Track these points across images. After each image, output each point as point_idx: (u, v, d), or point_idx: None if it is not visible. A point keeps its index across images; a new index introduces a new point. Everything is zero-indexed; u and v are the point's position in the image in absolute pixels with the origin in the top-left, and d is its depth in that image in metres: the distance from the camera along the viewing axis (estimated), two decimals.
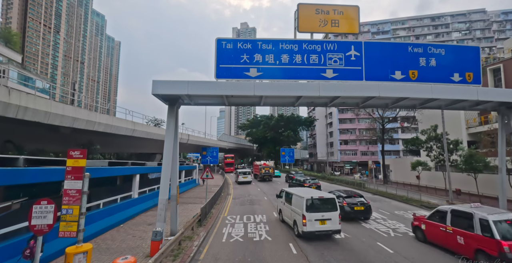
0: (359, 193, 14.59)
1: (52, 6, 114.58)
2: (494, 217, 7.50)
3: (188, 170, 29.67)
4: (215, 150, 31.52)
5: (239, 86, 10.18)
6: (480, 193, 22.46)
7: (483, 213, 7.76)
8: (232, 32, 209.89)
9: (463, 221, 8.26)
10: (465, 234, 8.01)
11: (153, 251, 7.89)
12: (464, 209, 8.51)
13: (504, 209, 12.29)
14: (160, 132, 28.51)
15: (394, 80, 10.70)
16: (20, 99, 12.68)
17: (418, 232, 10.23)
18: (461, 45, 12.88)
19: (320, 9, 10.90)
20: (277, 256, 8.33)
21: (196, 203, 17.91)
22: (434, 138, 27.71)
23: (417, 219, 10.44)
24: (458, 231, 8.25)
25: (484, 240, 7.35)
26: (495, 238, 7.07)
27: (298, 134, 74.28)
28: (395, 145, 60.97)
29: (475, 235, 7.68)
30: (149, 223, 12.37)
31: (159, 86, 9.64)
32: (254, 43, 10.56)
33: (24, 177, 7.24)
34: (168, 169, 9.88)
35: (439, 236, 9.07)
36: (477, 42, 68.19)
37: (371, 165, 45.66)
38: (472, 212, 8.01)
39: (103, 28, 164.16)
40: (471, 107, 13.04)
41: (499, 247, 6.90)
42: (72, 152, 6.14)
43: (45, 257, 7.14)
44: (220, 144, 59.16)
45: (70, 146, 17.06)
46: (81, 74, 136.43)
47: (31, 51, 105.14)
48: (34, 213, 5.33)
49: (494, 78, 28.29)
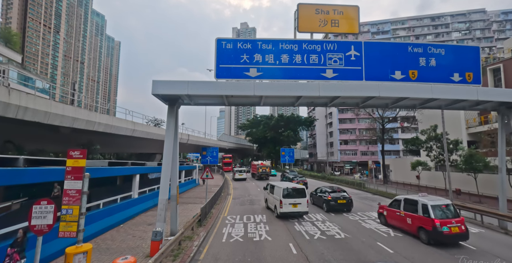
0: (342, 189, 16.82)
1: (52, 6, 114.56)
2: (432, 202, 9.82)
3: (188, 170, 29.67)
4: (215, 150, 31.49)
5: (239, 86, 10.18)
6: (480, 192, 22.46)
7: (424, 200, 10.07)
8: (232, 32, 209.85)
9: (411, 207, 10.56)
10: (412, 216, 10.34)
11: (153, 251, 7.89)
12: (413, 197, 10.83)
13: (504, 209, 12.36)
14: (160, 132, 28.51)
15: (394, 80, 10.71)
16: (20, 100, 12.67)
17: (381, 218, 12.50)
18: (461, 45, 12.89)
19: (320, 9, 10.90)
20: (277, 256, 8.33)
21: (196, 203, 17.91)
22: (434, 137, 27.71)
23: (381, 207, 12.66)
24: (408, 214, 10.60)
25: (424, 219, 9.68)
26: (431, 217, 9.41)
27: (298, 134, 74.27)
28: (395, 144, 60.96)
29: (418, 216, 10.00)
30: (149, 223, 12.37)
31: (159, 86, 9.64)
32: (254, 43, 10.56)
33: (24, 177, 7.23)
34: (168, 169, 9.87)
35: (395, 219, 11.38)
36: (477, 42, 68.18)
37: (371, 165, 45.68)
38: (418, 199, 10.31)
39: (103, 28, 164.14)
40: (471, 107, 13.05)
41: (433, 224, 9.25)
42: (72, 152, 6.14)
43: (45, 257, 7.14)
44: (220, 144, 59.20)
45: (70, 146, 17.06)
46: (81, 74, 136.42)
47: (31, 51, 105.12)
48: (34, 213, 5.33)
49: (494, 78, 28.29)
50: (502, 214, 11.94)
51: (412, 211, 10.42)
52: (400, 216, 10.98)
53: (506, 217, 11.67)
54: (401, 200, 11.33)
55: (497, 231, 11.57)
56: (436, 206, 9.73)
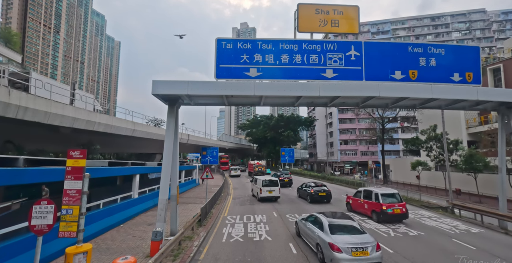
0: (323, 183, 20.91)
1: (52, 6, 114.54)
2: (381, 192, 13.16)
3: (188, 170, 29.67)
4: (215, 150, 31.47)
5: (239, 86, 10.17)
6: (480, 192, 22.48)
7: (377, 190, 13.42)
8: (232, 32, 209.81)
9: (368, 195, 13.76)
10: (368, 202, 13.61)
11: (153, 251, 7.89)
12: (370, 188, 14.20)
13: (504, 209, 12.37)
14: (160, 132, 28.50)
15: (394, 80, 10.70)
16: (20, 99, 12.66)
17: (348, 206, 15.86)
18: (461, 45, 12.89)
19: (320, 9, 10.89)
20: (277, 256, 8.33)
21: (196, 203, 17.91)
22: (434, 137, 27.72)
23: (348, 198, 16.11)
24: (366, 201, 13.88)
25: (376, 204, 12.91)
26: (380, 202, 12.64)
27: (298, 134, 74.23)
28: (395, 144, 60.97)
29: (372, 202, 13.25)
30: (149, 223, 12.36)
31: (159, 86, 9.63)
32: (254, 43, 10.55)
33: (24, 177, 7.23)
34: (168, 169, 9.87)
35: (357, 205, 14.78)
36: (477, 42, 68.18)
37: (371, 165, 45.66)
38: (372, 190, 13.67)
39: (103, 28, 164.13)
40: (471, 107, 13.04)
41: (381, 207, 12.51)
42: (72, 152, 6.13)
43: (45, 257, 7.14)
44: (220, 144, 59.21)
45: (70, 146, 17.06)
46: (81, 74, 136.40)
47: (31, 51, 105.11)
48: (34, 213, 5.33)
49: (494, 78, 28.29)
50: (502, 214, 11.95)
51: (368, 198, 13.66)
52: (360, 203, 14.34)
53: (506, 217, 11.67)
54: (362, 191, 14.61)
55: (497, 231, 11.56)
56: (384, 194, 12.97)
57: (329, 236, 7.64)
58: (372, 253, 7.07)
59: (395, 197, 12.93)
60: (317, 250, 8.10)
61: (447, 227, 11.99)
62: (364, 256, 6.99)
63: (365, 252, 7.04)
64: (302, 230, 9.87)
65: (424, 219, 13.50)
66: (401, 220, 12.72)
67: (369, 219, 13.19)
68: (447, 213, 15.45)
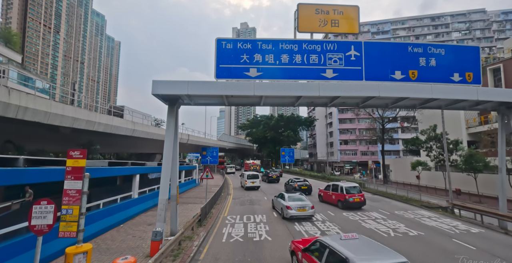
0: (306, 179, 27.51)
1: (52, 6, 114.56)
2: (346, 185, 16.56)
3: (188, 170, 29.67)
4: (215, 150, 31.49)
5: (239, 86, 10.17)
6: (480, 192, 22.48)
7: (342, 184, 16.80)
8: (232, 32, 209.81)
9: (336, 188, 17.07)
10: (336, 194, 16.93)
11: (153, 251, 7.89)
12: (337, 183, 17.33)
13: (504, 209, 12.37)
14: (160, 132, 28.50)
15: (394, 80, 10.70)
16: (20, 100, 12.67)
17: (320, 197, 19.12)
18: (461, 45, 12.89)
19: (320, 9, 10.88)
20: (277, 256, 8.33)
21: (196, 203, 17.91)
22: (434, 137, 27.72)
23: (320, 191, 19.32)
24: (334, 193, 17.20)
25: (341, 195, 16.26)
26: (344, 193, 16.08)
27: (298, 134, 74.20)
28: (395, 144, 60.96)
29: (338, 194, 16.60)
30: (149, 223, 12.37)
31: (159, 86, 9.63)
32: (254, 43, 10.55)
33: (24, 177, 7.23)
34: (168, 169, 9.87)
35: (326, 197, 18.11)
36: (477, 42, 68.19)
37: (371, 165, 45.69)
38: (338, 184, 16.96)
39: (103, 28, 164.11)
40: (471, 107, 13.04)
41: (345, 197, 15.95)
42: (72, 152, 6.13)
43: (45, 257, 7.14)
44: (220, 144, 59.17)
45: (70, 146, 17.05)
46: (81, 74, 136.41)
47: (31, 51, 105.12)
48: (34, 213, 5.33)
49: (494, 78, 28.30)
50: (502, 214, 11.95)
51: (336, 191, 16.97)
52: (329, 195, 17.71)
53: (506, 217, 11.67)
54: (330, 185, 18.01)
55: (497, 231, 11.56)
56: (347, 187, 16.39)
57: (287, 202, 13.43)
58: (308, 210, 13.04)
59: (356, 189, 16.40)
60: (281, 212, 13.99)
61: (447, 227, 11.99)
62: (303, 212, 12.95)
63: (304, 209, 13.01)
64: (275, 203, 15.64)
65: (424, 219, 13.49)
66: (360, 206, 16.12)
67: (335, 206, 16.66)
68: (447, 213, 15.46)
